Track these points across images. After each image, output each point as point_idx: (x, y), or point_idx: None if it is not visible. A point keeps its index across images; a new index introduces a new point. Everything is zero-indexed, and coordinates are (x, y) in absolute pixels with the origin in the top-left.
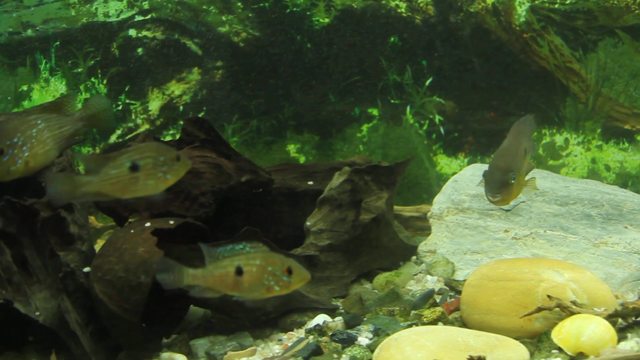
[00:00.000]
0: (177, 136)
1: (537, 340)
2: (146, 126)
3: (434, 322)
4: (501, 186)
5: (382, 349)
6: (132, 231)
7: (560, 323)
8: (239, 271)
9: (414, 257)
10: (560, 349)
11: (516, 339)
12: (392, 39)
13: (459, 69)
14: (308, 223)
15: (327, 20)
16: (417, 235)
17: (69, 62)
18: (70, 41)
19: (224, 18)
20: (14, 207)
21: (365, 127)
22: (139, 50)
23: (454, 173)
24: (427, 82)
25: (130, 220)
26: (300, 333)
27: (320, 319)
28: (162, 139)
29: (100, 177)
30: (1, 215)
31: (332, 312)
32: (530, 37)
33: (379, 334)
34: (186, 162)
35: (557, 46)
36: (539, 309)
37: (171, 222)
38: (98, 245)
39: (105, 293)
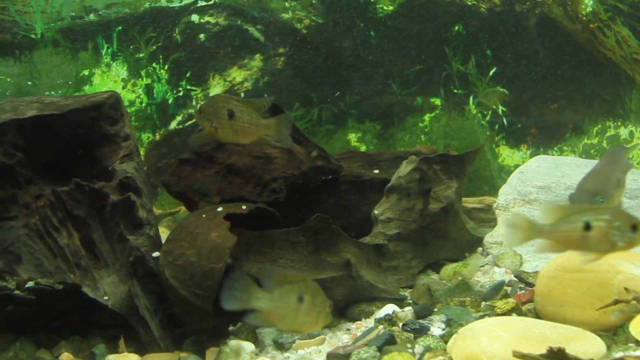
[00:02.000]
0: None
1: (612, 333)
2: None
3: (507, 313)
4: None
5: (457, 339)
6: (203, 216)
7: (638, 316)
8: (587, 226)
9: (479, 249)
10: (638, 342)
11: (591, 331)
12: (456, 27)
13: (523, 59)
14: (376, 211)
15: (391, 7)
16: (480, 227)
17: (131, 47)
18: (132, 26)
19: (287, 4)
20: (83, 190)
21: (427, 117)
22: (201, 36)
23: (516, 165)
24: (491, 72)
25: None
26: (368, 323)
27: (389, 308)
28: None
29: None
30: (70, 198)
31: (400, 302)
32: (597, 28)
33: (451, 324)
34: None
35: (624, 37)
36: (616, 302)
37: (244, 207)
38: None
39: (176, 278)
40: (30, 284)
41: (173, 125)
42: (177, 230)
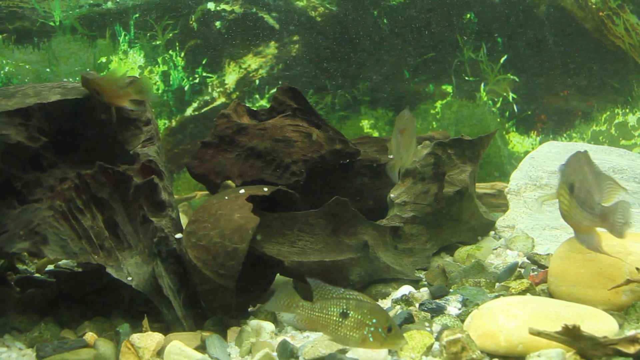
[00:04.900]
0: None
1: (624, 312)
2: (222, 99)
3: (522, 293)
4: None
5: (474, 317)
6: (226, 197)
7: None
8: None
9: (492, 232)
10: None
11: (603, 311)
12: (468, 15)
13: (533, 47)
14: (392, 195)
15: None
16: (492, 212)
17: (148, 34)
18: (149, 13)
19: None
20: (106, 173)
21: (439, 104)
22: (217, 23)
23: (526, 151)
24: (502, 60)
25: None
26: (385, 303)
27: (405, 289)
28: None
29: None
30: (94, 181)
31: (415, 283)
32: (606, 16)
33: (467, 304)
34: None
35: (633, 25)
36: (628, 282)
37: (265, 189)
38: None
39: (199, 259)
40: (50, 267)
41: (189, 111)
42: (200, 212)
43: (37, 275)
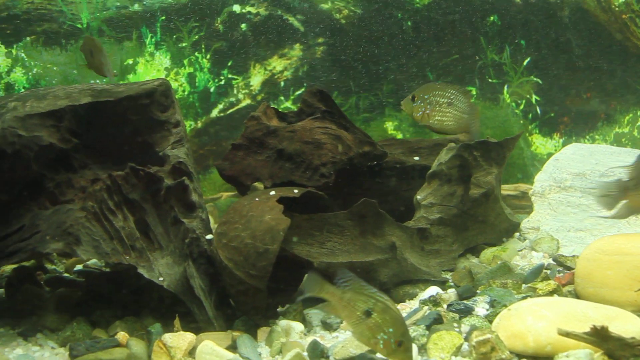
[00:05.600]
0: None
1: None
2: (247, 101)
3: (549, 294)
4: None
5: (503, 318)
6: (257, 199)
7: None
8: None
9: (516, 234)
10: None
11: (630, 312)
12: (491, 18)
13: (556, 49)
14: (418, 197)
15: None
16: (516, 213)
17: (174, 36)
18: (175, 16)
19: None
20: (138, 174)
21: None
22: (243, 25)
23: (549, 153)
24: (525, 62)
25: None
26: (413, 304)
27: (433, 290)
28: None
29: None
30: (126, 182)
31: (442, 284)
32: (629, 18)
33: (495, 305)
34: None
35: None
36: None
37: (295, 190)
38: None
39: (231, 259)
40: (79, 267)
41: (214, 113)
42: (230, 213)
43: (66, 274)
